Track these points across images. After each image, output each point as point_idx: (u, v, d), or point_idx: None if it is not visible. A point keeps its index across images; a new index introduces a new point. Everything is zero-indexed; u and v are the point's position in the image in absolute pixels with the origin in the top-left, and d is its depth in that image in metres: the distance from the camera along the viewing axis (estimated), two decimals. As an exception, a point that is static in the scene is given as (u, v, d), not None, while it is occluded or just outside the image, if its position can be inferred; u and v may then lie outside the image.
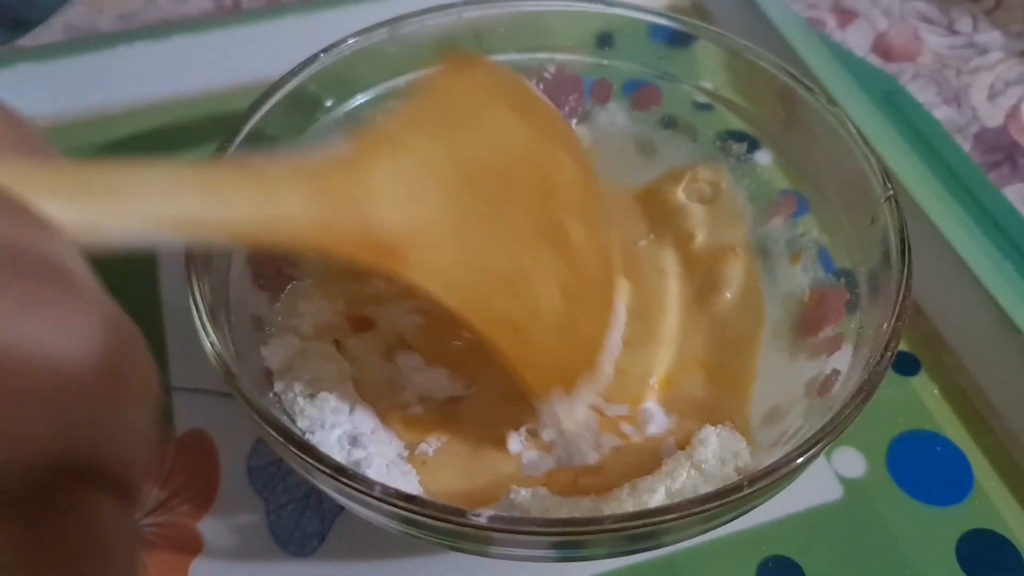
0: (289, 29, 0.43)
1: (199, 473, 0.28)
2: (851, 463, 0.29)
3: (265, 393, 0.25)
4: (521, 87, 0.25)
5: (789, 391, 0.26)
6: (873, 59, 0.43)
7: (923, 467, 0.29)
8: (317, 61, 0.29)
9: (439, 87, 0.23)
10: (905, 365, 0.32)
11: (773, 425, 0.26)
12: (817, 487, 0.28)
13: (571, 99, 0.33)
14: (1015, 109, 0.41)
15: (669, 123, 0.33)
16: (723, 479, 0.23)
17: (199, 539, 0.27)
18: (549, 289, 0.22)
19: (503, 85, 0.24)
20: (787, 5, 0.42)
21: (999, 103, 0.41)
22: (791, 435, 0.24)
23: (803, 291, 0.29)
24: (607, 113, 0.33)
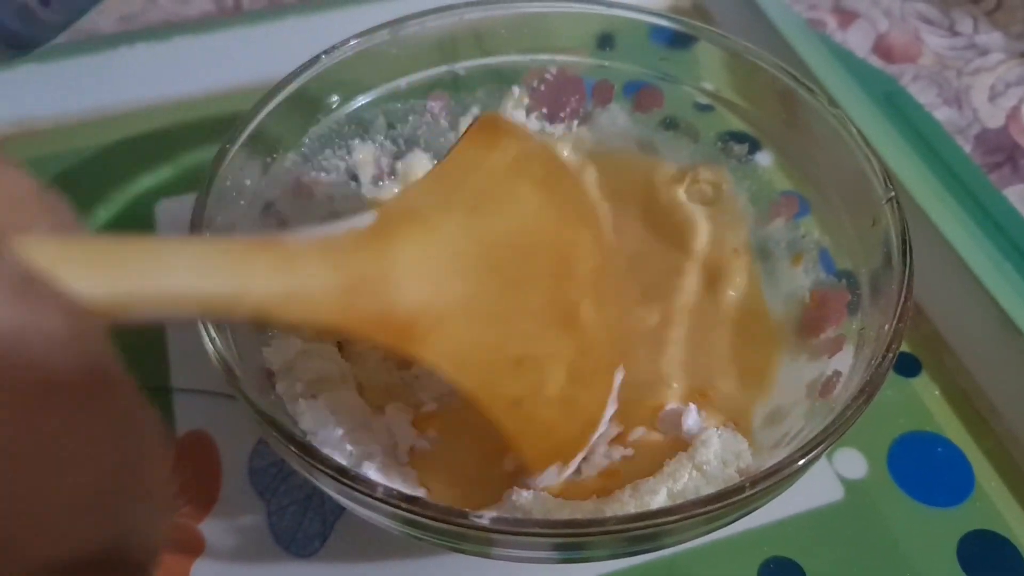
0: (290, 30, 0.43)
1: (201, 474, 0.28)
2: (852, 464, 0.29)
3: (267, 394, 0.25)
4: (547, 158, 0.25)
5: (791, 392, 0.26)
6: (874, 60, 0.43)
7: (924, 468, 0.29)
8: (319, 62, 0.29)
9: (466, 159, 0.23)
10: (906, 366, 0.32)
11: (775, 426, 0.26)
12: (818, 488, 0.28)
13: (573, 100, 0.33)
14: (1016, 110, 0.41)
15: (670, 124, 0.33)
16: (725, 480, 0.23)
17: (200, 540, 0.27)
18: (556, 370, 0.23)
19: (530, 157, 0.24)
20: (788, 6, 0.42)
21: (1000, 104, 0.41)
22: (793, 436, 0.24)
23: (804, 292, 0.29)
24: (608, 114, 0.33)
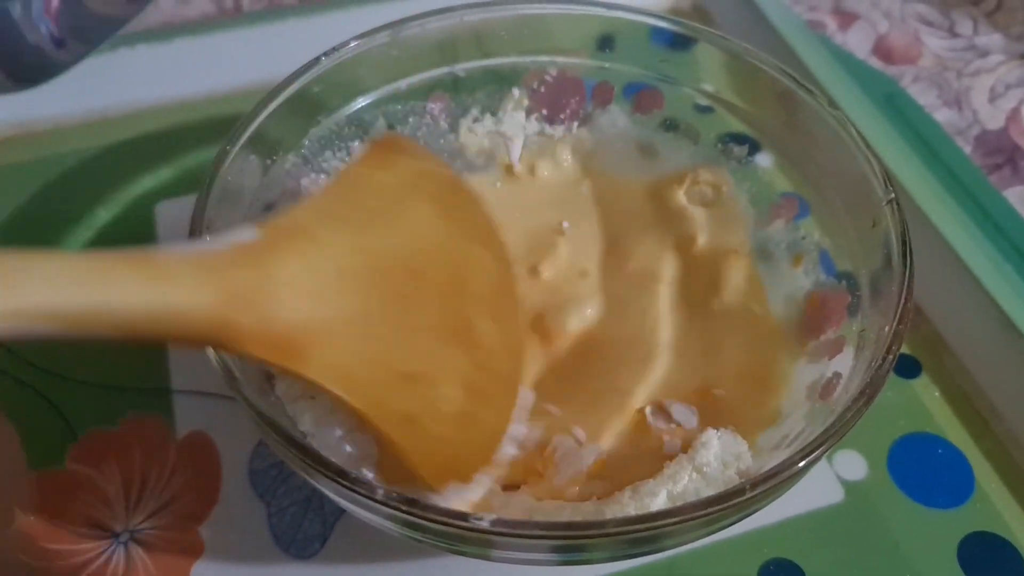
0: (290, 32, 0.43)
1: (200, 476, 0.28)
2: (852, 465, 0.29)
3: (266, 396, 0.25)
4: (444, 178, 0.25)
5: (791, 394, 0.26)
6: (874, 61, 0.43)
7: (924, 470, 0.29)
8: (319, 64, 0.29)
9: (358, 177, 0.22)
10: (906, 367, 0.32)
11: (775, 428, 0.26)
12: (818, 490, 0.28)
13: (573, 102, 0.33)
14: (1016, 111, 0.41)
15: (670, 126, 0.33)
16: (725, 482, 0.23)
17: (200, 542, 0.27)
18: (451, 386, 0.22)
19: (425, 176, 0.24)
20: (788, 7, 0.42)
21: (1000, 105, 0.41)
22: (793, 438, 0.24)
23: (804, 294, 0.29)
24: (609, 116, 0.33)
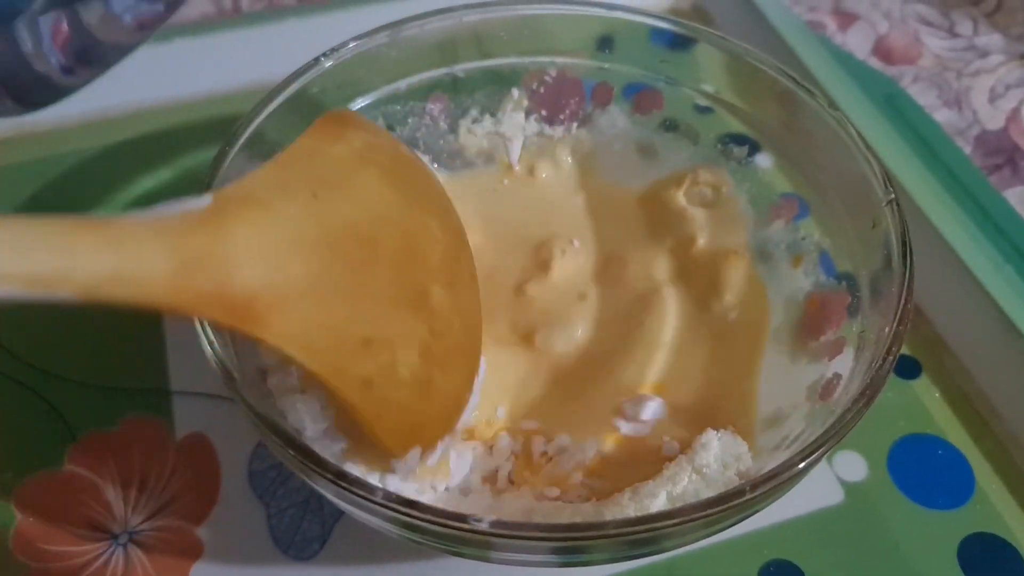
0: (290, 32, 0.43)
1: (199, 477, 0.28)
2: (852, 467, 0.29)
3: (260, 391, 0.25)
4: (394, 149, 0.25)
5: (791, 395, 0.26)
6: (873, 62, 0.43)
7: (924, 470, 0.29)
8: (318, 64, 0.29)
9: (309, 148, 0.23)
10: (906, 368, 0.32)
11: (775, 429, 0.26)
12: (818, 491, 0.28)
13: (572, 102, 0.33)
14: (1016, 112, 0.41)
15: (670, 126, 0.33)
16: (725, 484, 0.23)
17: (199, 543, 0.27)
18: (408, 351, 0.23)
19: (375, 147, 0.24)
20: (788, 8, 0.42)
21: (1000, 106, 0.41)
22: (793, 439, 0.24)
23: (805, 295, 0.29)
24: (608, 116, 0.33)
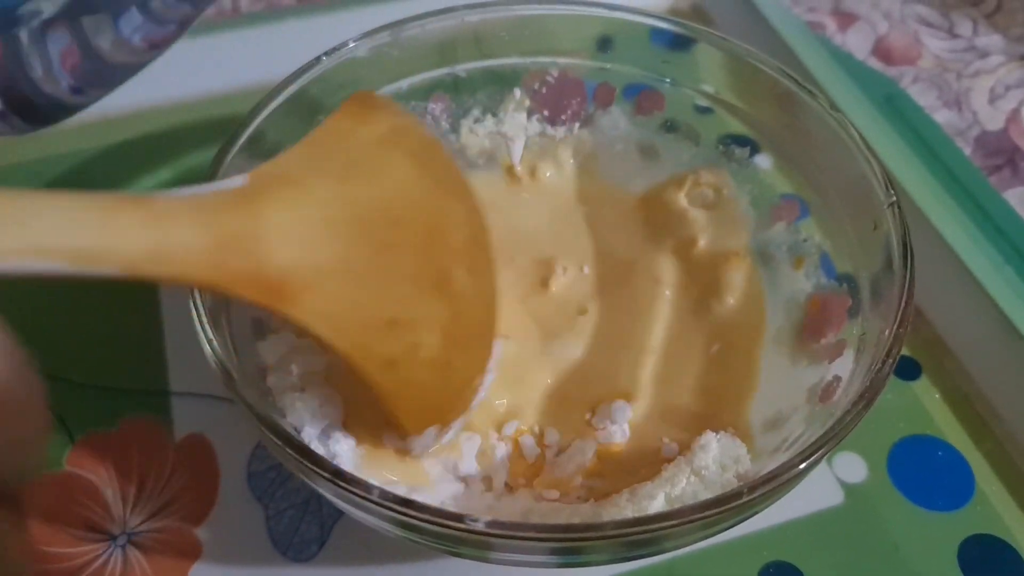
0: (289, 32, 0.43)
1: (198, 478, 0.28)
2: (852, 468, 0.29)
3: (260, 390, 0.25)
4: (418, 133, 0.26)
5: (791, 397, 0.26)
6: (873, 62, 0.43)
7: (924, 472, 0.29)
8: (319, 64, 0.29)
9: (338, 129, 0.23)
10: (906, 369, 0.31)
11: (774, 431, 0.26)
12: (818, 492, 0.28)
13: (574, 103, 0.33)
14: (1016, 112, 0.41)
15: (671, 127, 0.32)
16: (723, 485, 0.23)
17: (198, 544, 0.27)
18: (431, 332, 0.23)
19: (402, 130, 0.25)
20: (787, 8, 0.42)
21: (1000, 106, 0.41)
22: (792, 441, 0.24)
23: (805, 296, 0.29)
24: (610, 117, 0.33)
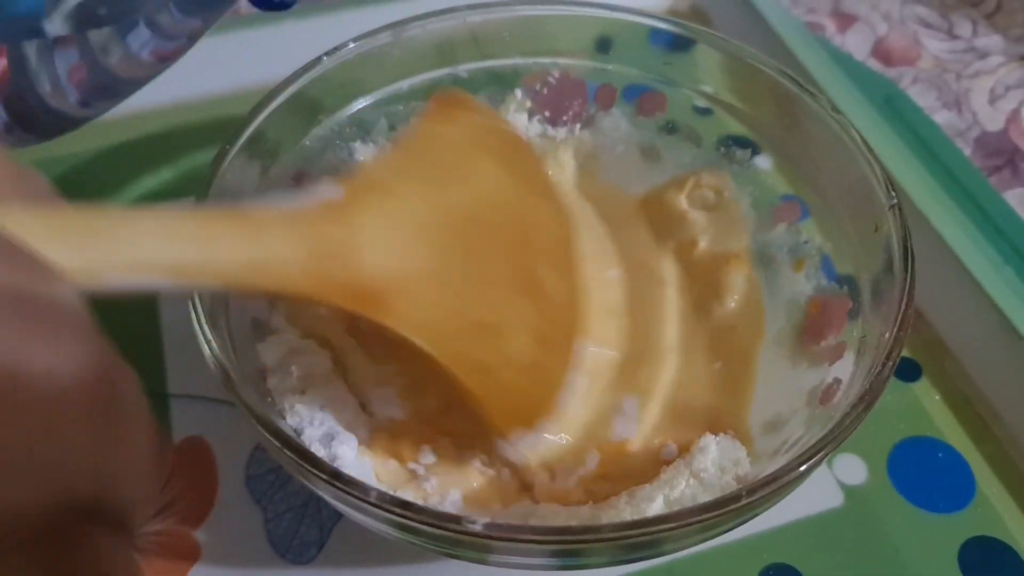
0: (290, 33, 0.42)
1: (197, 480, 0.28)
2: (852, 470, 0.29)
3: (260, 391, 0.25)
4: (504, 132, 0.26)
5: (790, 399, 0.26)
6: (873, 63, 0.43)
7: (925, 474, 0.29)
8: (320, 64, 0.29)
9: (427, 133, 0.23)
10: (906, 371, 0.31)
11: (774, 434, 0.25)
12: (818, 494, 0.28)
13: (575, 104, 0.33)
14: (1015, 113, 0.41)
15: (672, 129, 0.32)
16: (722, 488, 0.23)
17: (197, 547, 0.27)
18: (521, 335, 0.23)
19: (488, 130, 0.25)
20: (787, 9, 0.42)
21: (999, 107, 0.41)
22: (792, 444, 0.24)
23: (806, 298, 0.28)
24: (611, 119, 0.33)
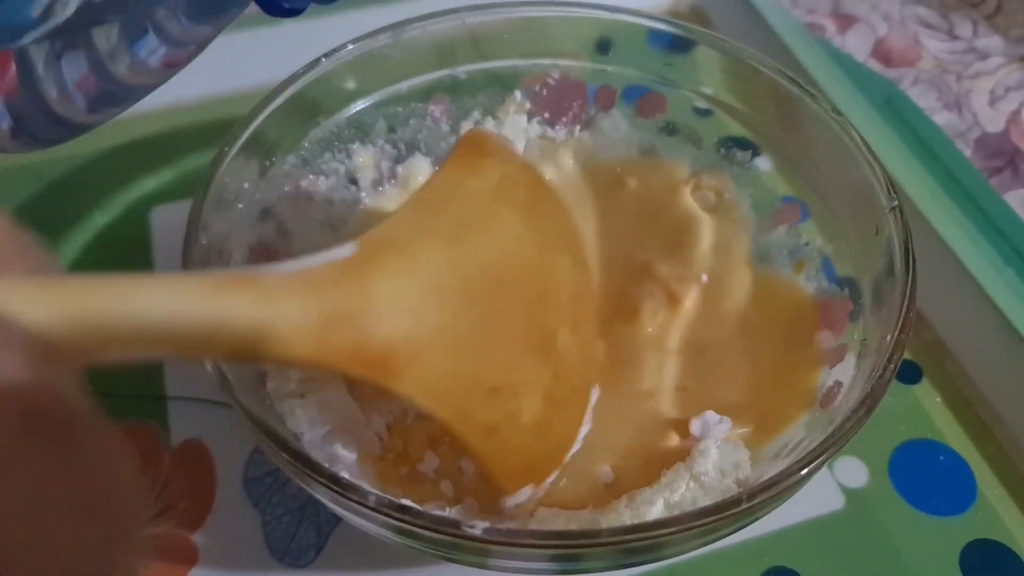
0: (289, 34, 0.42)
1: (195, 484, 0.28)
2: (853, 472, 0.29)
3: (259, 395, 0.25)
4: (530, 181, 0.25)
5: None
6: (873, 64, 0.43)
7: (926, 476, 0.29)
8: (319, 65, 0.29)
9: (449, 183, 0.23)
10: (907, 373, 0.31)
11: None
12: (819, 497, 0.28)
13: (575, 105, 0.33)
14: (1016, 114, 0.41)
15: (672, 130, 0.32)
16: (723, 492, 0.23)
17: (195, 550, 0.27)
18: (532, 397, 0.22)
19: (512, 180, 0.24)
20: (787, 10, 0.42)
21: (1000, 108, 0.41)
22: (792, 447, 0.24)
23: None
24: (611, 120, 0.33)
